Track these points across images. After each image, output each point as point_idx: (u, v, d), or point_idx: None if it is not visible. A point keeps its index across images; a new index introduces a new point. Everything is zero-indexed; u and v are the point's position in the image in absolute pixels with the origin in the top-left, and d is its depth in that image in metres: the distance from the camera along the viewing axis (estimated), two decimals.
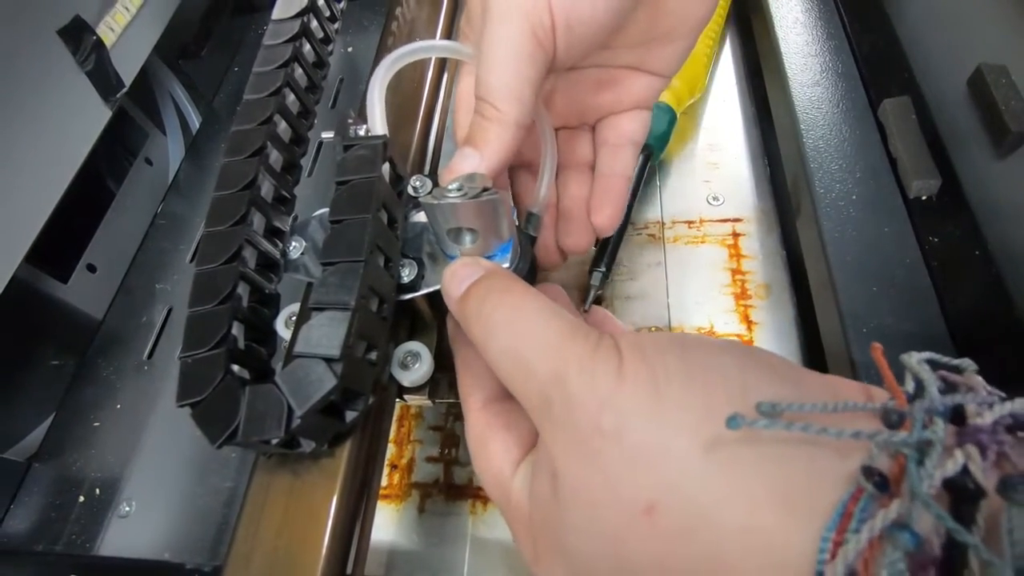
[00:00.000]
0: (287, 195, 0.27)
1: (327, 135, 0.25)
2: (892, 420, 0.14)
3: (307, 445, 0.20)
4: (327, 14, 0.32)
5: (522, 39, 0.21)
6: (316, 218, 0.27)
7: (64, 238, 0.42)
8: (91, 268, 0.44)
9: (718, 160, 0.41)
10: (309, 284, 0.27)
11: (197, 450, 0.36)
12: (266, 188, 0.26)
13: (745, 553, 0.13)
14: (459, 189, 0.23)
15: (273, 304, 0.25)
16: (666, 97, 0.39)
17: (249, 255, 0.23)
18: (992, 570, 0.11)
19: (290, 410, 0.18)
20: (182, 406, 0.20)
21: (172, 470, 0.35)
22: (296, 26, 0.28)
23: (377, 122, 0.24)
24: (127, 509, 0.34)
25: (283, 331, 0.26)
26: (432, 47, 0.27)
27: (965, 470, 0.12)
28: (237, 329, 0.22)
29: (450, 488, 0.32)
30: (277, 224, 0.25)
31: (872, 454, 0.13)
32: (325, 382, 0.18)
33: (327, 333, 0.19)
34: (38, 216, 0.35)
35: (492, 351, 0.18)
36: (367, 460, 0.24)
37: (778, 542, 0.13)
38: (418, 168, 0.31)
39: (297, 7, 0.29)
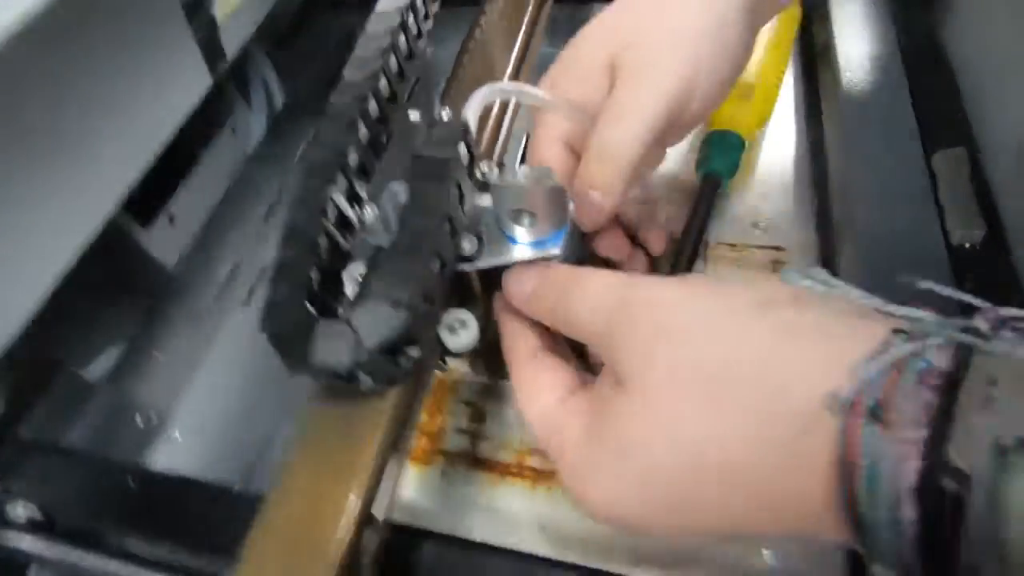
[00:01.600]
0: (368, 167, 0.30)
1: (414, 114, 0.27)
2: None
3: (364, 381, 0.23)
4: (423, 13, 0.35)
5: (658, 101, 0.24)
6: (389, 190, 0.29)
7: (153, 187, 0.46)
8: (171, 219, 0.48)
9: (767, 189, 0.43)
10: (376, 248, 0.29)
11: (246, 393, 0.39)
12: (353, 157, 0.28)
13: (787, 399, 0.15)
14: (526, 176, 0.26)
15: (345, 259, 0.28)
16: (736, 126, 0.41)
17: (332, 212, 0.26)
18: (990, 360, 0.13)
19: (359, 344, 0.21)
20: (264, 332, 0.22)
21: (221, 408, 0.38)
22: (397, 18, 0.31)
23: (470, 116, 0.27)
24: (178, 437, 0.37)
25: (347, 286, 0.29)
26: (530, 95, 0.29)
27: (975, 329, 0.14)
28: (315, 274, 0.24)
29: (474, 460, 0.34)
30: (358, 190, 0.28)
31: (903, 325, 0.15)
32: (393, 323, 0.21)
33: (397, 283, 0.22)
34: (143, 161, 0.39)
35: (569, 313, 0.21)
36: (408, 407, 0.26)
37: (817, 385, 0.15)
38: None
39: (398, 2, 0.32)
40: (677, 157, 0.44)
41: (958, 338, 0.14)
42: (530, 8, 0.40)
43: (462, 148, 0.26)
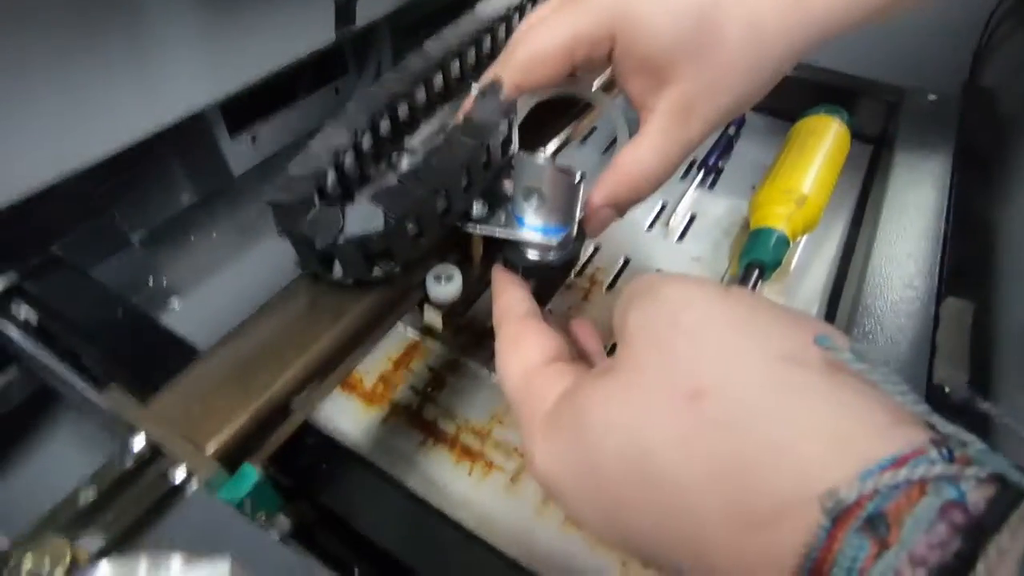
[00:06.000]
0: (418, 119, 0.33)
1: (475, 85, 0.31)
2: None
3: (336, 270, 0.25)
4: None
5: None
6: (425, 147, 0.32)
7: (252, 107, 0.51)
8: (253, 138, 0.54)
9: (785, 288, 0.43)
10: None
11: (254, 302, 0.42)
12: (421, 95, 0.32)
13: (774, 469, 0.13)
14: (549, 160, 0.28)
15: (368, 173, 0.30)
16: (784, 226, 0.42)
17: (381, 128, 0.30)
18: None
19: (341, 232, 0.23)
20: (268, 201, 0.25)
21: (227, 305, 0.41)
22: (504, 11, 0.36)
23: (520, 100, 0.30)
24: (176, 308, 0.40)
25: None
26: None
27: None
28: (333, 171, 0.27)
29: (416, 418, 0.35)
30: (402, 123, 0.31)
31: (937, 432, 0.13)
32: (375, 226, 0.23)
33: (395, 197, 0.24)
34: (244, 78, 0.44)
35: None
36: (367, 325, 0.27)
37: (814, 472, 0.13)
38: None
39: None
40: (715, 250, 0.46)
41: (1015, 479, 0.11)
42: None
43: (504, 124, 0.29)
